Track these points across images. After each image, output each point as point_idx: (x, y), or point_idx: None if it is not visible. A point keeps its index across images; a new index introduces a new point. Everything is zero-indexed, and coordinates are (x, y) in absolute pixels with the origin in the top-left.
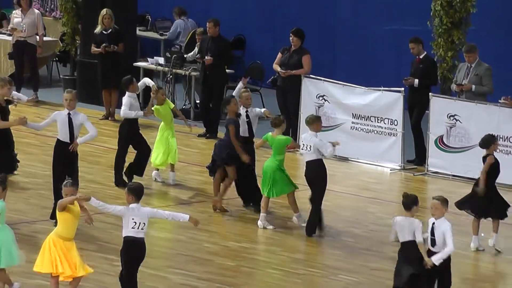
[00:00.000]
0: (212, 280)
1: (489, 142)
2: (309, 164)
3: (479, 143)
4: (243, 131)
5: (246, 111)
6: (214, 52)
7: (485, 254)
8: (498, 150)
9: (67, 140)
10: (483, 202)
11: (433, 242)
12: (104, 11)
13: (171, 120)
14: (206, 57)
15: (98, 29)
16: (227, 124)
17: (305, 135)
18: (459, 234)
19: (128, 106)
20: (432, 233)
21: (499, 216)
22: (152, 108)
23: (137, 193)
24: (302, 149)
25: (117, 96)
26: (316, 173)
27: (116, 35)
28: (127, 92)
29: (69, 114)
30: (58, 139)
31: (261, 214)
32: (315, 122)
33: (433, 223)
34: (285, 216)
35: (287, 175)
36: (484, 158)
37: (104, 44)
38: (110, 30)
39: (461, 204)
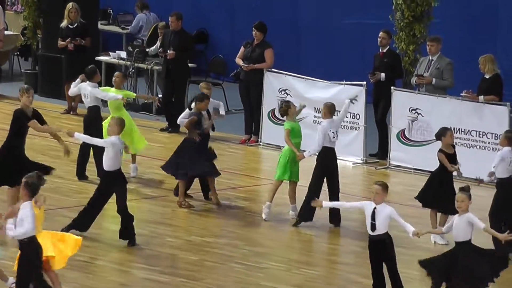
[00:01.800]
0: (175, 274)
1: (439, 134)
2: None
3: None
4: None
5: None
6: (176, 46)
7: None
8: (456, 143)
9: None
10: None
11: (373, 227)
12: (70, 5)
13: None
14: (168, 51)
15: (64, 23)
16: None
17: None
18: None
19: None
20: (373, 218)
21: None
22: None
23: (32, 190)
24: (333, 137)
25: None
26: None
27: (82, 29)
28: (89, 82)
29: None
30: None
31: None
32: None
33: (375, 208)
34: (249, 210)
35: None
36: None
37: (69, 39)
38: (76, 24)
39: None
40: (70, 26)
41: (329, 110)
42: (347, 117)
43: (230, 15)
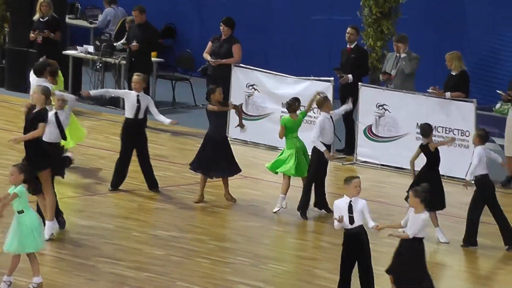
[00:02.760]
0: (141, 269)
1: (426, 132)
2: None
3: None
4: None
5: (137, 95)
6: (140, 39)
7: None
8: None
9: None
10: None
11: (352, 220)
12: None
13: None
14: (132, 44)
15: (36, 17)
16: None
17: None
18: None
19: None
20: (350, 211)
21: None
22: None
23: None
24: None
25: None
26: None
27: (53, 23)
28: (38, 79)
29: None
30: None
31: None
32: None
33: (350, 201)
34: (216, 205)
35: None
36: (424, 147)
37: (37, 31)
38: (47, 18)
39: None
40: (41, 19)
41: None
42: (313, 113)
43: (198, 10)
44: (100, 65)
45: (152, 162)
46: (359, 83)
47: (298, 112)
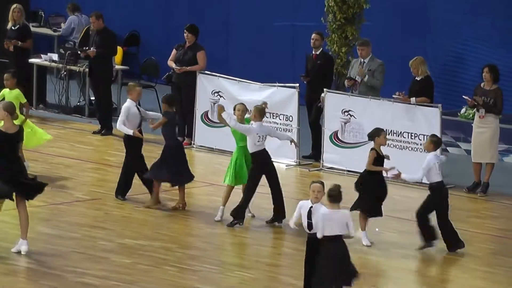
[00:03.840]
0: (108, 277)
1: (372, 135)
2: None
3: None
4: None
5: (136, 105)
6: (99, 45)
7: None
8: (388, 145)
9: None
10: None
11: (310, 226)
12: (14, 6)
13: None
14: (90, 49)
15: (8, 25)
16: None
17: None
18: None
19: None
20: (309, 217)
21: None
22: None
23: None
24: (258, 141)
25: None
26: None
27: (24, 31)
28: None
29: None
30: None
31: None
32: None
33: (311, 207)
34: (183, 213)
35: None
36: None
37: (6, 40)
38: (18, 25)
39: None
40: (13, 27)
41: (259, 113)
42: (280, 119)
43: (162, 17)
44: (65, 73)
45: (118, 170)
46: (325, 89)
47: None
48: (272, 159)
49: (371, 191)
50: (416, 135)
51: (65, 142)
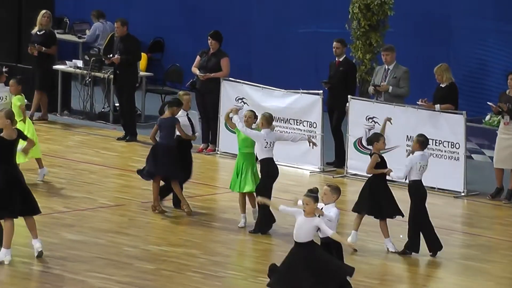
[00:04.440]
0: (132, 283)
1: (371, 140)
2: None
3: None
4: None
5: (187, 114)
6: (122, 51)
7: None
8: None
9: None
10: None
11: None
12: (43, 11)
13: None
14: (115, 56)
15: (34, 30)
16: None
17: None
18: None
19: None
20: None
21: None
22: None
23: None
24: (266, 147)
25: (46, 98)
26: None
27: (49, 37)
28: None
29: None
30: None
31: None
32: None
33: (321, 208)
34: (206, 219)
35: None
36: (371, 155)
37: (30, 44)
38: (43, 31)
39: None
40: (38, 33)
41: (267, 120)
42: (303, 126)
43: (186, 24)
44: (89, 79)
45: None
46: (349, 95)
47: (253, 125)
48: (296, 166)
49: (378, 194)
50: (440, 142)
51: (89, 148)
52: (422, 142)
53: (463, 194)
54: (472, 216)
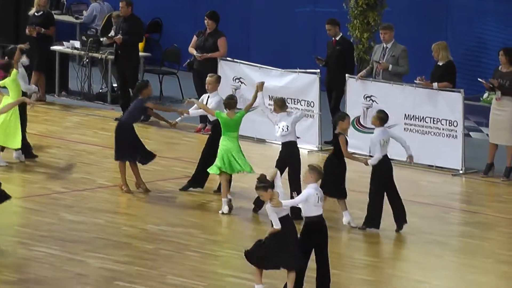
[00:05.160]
0: (131, 263)
1: (336, 120)
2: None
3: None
4: None
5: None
6: (126, 32)
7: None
8: (410, 130)
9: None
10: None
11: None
12: None
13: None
14: (117, 36)
15: (31, 11)
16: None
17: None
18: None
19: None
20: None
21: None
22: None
23: None
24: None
25: (44, 79)
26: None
27: (47, 18)
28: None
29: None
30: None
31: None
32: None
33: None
34: (204, 198)
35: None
36: (335, 136)
37: (28, 26)
38: (41, 12)
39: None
40: (36, 13)
41: (279, 106)
42: (301, 105)
43: (184, 4)
44: (87, 60)
45: None
46: (346, 74)
47: (237, 111)
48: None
49: (337, 174)
50: (438, 120)
51: (87, 129)
52: (382, 118)
53: (461, 172)
54: (470, 194)
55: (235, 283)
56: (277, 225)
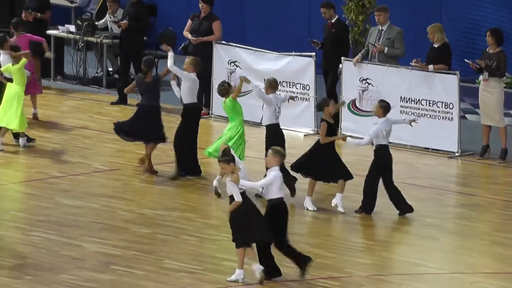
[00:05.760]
0: (128, 247)
1: (321, 105)
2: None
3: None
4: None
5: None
6: (132, 17)
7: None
8: (406, 112)
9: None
10: (324, 166)
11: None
12: None
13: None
14: (122, 21)
15: None
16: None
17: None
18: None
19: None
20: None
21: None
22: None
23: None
24: (278, 112)
25: (39, 64)
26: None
27: (42, 2)
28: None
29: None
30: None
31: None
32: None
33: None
34: (201, 183)
35: None
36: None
37: (24, 10)
38: None
39: (298, 167)
40: None
41: (271, 85)
42: (297, 88)
43: None
44: (82, 44)
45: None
46: (342, 57)
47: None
48: (290, 128)
49: (324, 159)
50: (434, 102)
51: (83, 113)
52: (385, 107)
53: (457, 154)
54: (466, 176)
55: (232, 267)
56: (239, 198)
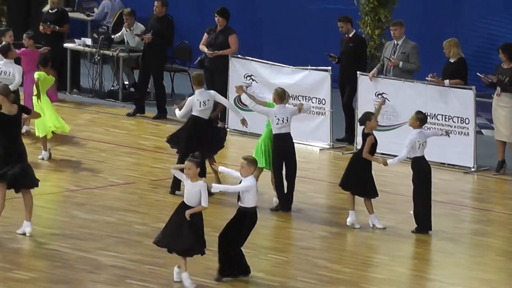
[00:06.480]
0: (142, 261)
1: (363, 120)
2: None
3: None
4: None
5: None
6: (156, 32)
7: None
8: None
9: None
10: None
11: (238, 198)
12: None
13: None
14: (146, 35)
15: (45, 8)
16: None
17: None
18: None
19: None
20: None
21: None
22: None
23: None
24: (277, 123)
25: (56, 76)
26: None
27: (61, 15)
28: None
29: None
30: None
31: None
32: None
33: (241, 181)
34: (216, 196)
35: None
36: (365, 136)
37: (42, 23)
38: (55, 9)
39: (345, 185)
40: (50, 11)
41: (279, 96)
42: (313, 102)
43: (195, 1)
44: (98, 57)
45: (152, 154)
46: (358, 72)
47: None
48: (306, 143)
49: (364, 173)
50: (450, 117)
51: (99, 127)
52: (421, 119)
53: (473, 169)
54: (482, 192)
55: (246, 281)
56: (206, 204)
